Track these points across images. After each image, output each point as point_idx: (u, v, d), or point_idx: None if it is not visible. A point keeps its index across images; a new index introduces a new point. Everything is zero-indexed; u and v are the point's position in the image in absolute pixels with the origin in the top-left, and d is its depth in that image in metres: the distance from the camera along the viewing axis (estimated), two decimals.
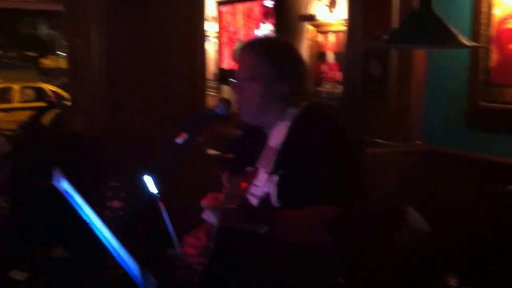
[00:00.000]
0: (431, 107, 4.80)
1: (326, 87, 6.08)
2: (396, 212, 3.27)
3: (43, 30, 21.66)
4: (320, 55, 6.16)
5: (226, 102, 2.34)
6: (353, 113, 5.42)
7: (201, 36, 4.30)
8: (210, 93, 7.21)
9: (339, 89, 5.88)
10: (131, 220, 2.59)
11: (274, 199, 2.11)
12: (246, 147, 2.40)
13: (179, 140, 2.29)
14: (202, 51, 4.26)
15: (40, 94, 14.49)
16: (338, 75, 5.92)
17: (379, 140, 4.94)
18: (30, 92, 14.62)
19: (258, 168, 2.18)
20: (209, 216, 1.97)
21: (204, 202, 1.94)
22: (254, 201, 2.14)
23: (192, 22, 4.20)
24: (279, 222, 1.94)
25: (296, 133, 2.16)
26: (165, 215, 2.17)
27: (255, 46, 2.29)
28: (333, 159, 2.05)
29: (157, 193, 2.21)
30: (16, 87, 14.42)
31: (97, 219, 2.17)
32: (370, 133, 5.00)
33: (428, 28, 3.16)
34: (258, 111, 2.24)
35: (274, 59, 2.22)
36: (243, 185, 1.86)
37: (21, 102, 13.94)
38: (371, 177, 3.52)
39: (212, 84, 7.67)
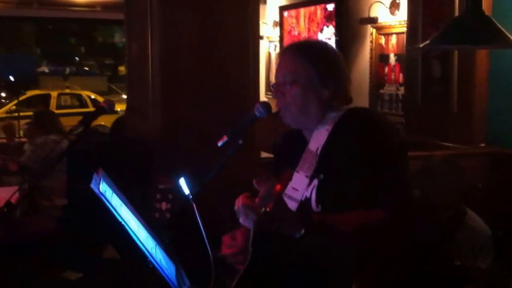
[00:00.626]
0: (495, 108, 4.68)
1: (389, 89, 6.02)
2: (456, 214, 3.21)
3: (119, 38, 22.16)
4: (382, 57, 6.10)
5: (265, 105, 2.32)
6: (415, 115, 5.36)
7: (255, 41, 4.30)
8: (271, 96, 7.24)
9: (402, 90, 5.81)
10: (175, 221, 2.59)
11: (313, 204, 2.09)
12: (287, 150, 2.38)
13: (220, 142, 2.30)
14: (255, 55, 4.26)
15: (78, 100, 14.68)
16: (400, 77, 5.85)
17: (444, 143, 4.86)
18: (67, 98, 14.79)
19: (292, 170, 2.17)
20: (244, 220, 1.95)
21: (237, 205, 1.92)
22: (293, 204, 2.13)
23: (246, 27, 4.20)
24: (317, 225, 1.89)
25: (336, 137, 2.13)
26: (197, 217, 2.17)
27: (296, 50, 2.26)
28: (373, 164, 2.02)
29: (189, 195, 2.21)
30: (54, 93, 14.62)
31: (136, 220, 2.20)
32: (433, 136, 4.93)
33: (476, 29, 3.08)
34: (299, 114, 2.21)
35: (315, 63, 2.19)
36: (278, 187, 1.83)
37: (58, 108, 13.95)
38: (433, 180, 3.48)
39: None
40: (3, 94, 16.19)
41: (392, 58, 5.96)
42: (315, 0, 7.03)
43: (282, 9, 7.66)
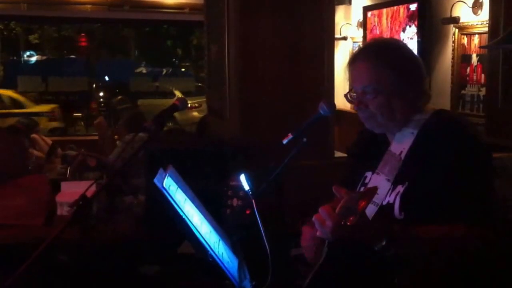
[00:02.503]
0: None
1: (470, 90, 5.92)
2: None
3: None
4: (464, 58, 6.01)
5: (329, 103, 2.33)
6: (495, 116, 5.28)
7: (331, 43, 4.35)
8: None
9: (483, 91, 5.70)
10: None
11: (396, 211, 2.03)
12: (362, 149, 2.34)
13: (285, 140, 2.34)
14: (330, 57, 4.30)
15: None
16: (482, 78, 5.74)
17: None
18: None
19: (377, 187, 2.05)
20: (319, 231, 1.85)
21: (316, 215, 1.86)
22: (372, 208, 2.08)
23: (322, 29, 4.25)
24: (398, 238, 1.84)
25: (423, 142, 2.05)
26: (256, 213, 2.23)
27: (371, 55, 2.15)
28: (465, 172, 1.94)
29: (249, 191, 2.28)
30: None
31: (200, 215, 2.29)
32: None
33: None
34: (386, 122, 2.14)
35: (394, 67, 2.10)
36: (362, 203, 1.76)
37: None
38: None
39: None
40: (101, 94, 16.79)
41: (474, 59, 5.86)
42: (398, 0, 6.99)
43: (366, 9, 7.64)
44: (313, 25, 4.20)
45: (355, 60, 2.19)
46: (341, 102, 2.52)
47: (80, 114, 14.64)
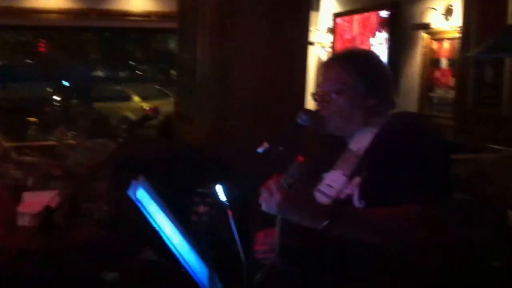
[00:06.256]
0: None
1: (438, 93, 6.03)
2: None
3: (172, 43, 22.38)
4: (433, 61, 6.11)
5: (308, 112, 2.29)
6: (465, 118, 5.36)
7: (304, 49, 4.31)
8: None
9: (451, 94, 5.84)
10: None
11: (356, 200, 2.06)
12: (323, 152, 2.38)
13: (260, 149, 2.28)
14: (304, 63, 4.26)
15: None
16: (451, 81, 5.87)
17: (494, 146, 4.78)
18: None
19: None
20: (267, 204, 1.90)
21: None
22: (325, 200, 2.13)
23: (298, 36, 4.23)
24: (341, 216, 1.87)
25: (382, 139, 2.10)
26: (232, 224, 2.17)
27: (343, 60, 2.27)
28: (420, 163, 1.99)
29: (226, 202, 2.21)
30: None
31: (171, 225, 2.23)
32: (482, 138, 4.89)
33: None
34: (343, 124, 2.21)
35: (361, 73, 2.19)
36: (300, 158, 1.84)
37: None
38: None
39: None
40: (57, 98, 16.51)
41: (444, 63, 5.95)
42: (369, 7, 7.00)
43: (336, 15, 7.66)
44: (289, 32, 4.19)
45: (327, 63, 2.35)
46: (311, 107, 2.48)
47: (35, 119, 14.35)
